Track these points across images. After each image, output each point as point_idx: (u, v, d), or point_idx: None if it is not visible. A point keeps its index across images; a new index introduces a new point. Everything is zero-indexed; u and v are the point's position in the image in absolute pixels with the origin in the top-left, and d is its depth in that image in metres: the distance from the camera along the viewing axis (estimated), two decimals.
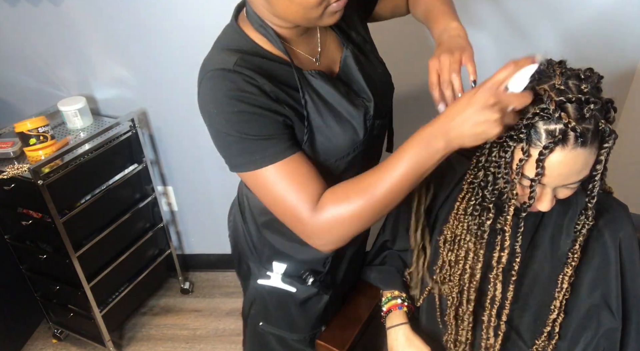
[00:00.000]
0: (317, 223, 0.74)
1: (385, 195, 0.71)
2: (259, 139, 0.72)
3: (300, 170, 0.74)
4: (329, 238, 0.76)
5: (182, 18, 1.58)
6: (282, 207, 0.76)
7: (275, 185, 0.74)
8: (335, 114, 0.79)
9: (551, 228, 0.87)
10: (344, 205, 0.72)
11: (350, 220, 0.73)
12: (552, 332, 0.86)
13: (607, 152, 0.72)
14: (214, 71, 0.74)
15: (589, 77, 0.72)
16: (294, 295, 0.98)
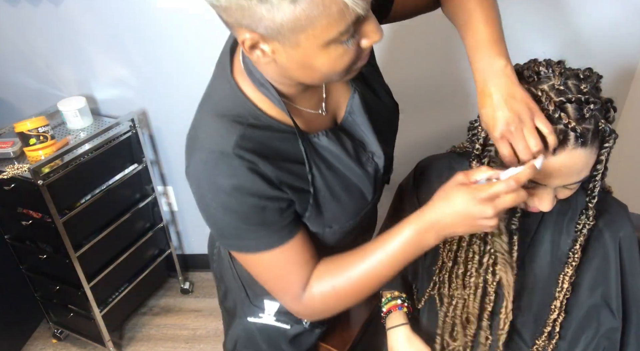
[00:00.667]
0: (305, 306, 0.76)
1: (371, 284, 0.73)
2: (255, 227, 0.70)
3: (294, 257, 0.73)
4: (315, 316, 0.84)
5: (182, 18, 1.58)
6: (271, 287, 0.78)
7: (267, 269, 0.75)
8: (343, 181, 0.76)
9: (552, 228, 0.87)
10: (329, 293, 0.74)
11: (335, 304, 0.77)
12: (552, 332, 0.86)
13: (608, 151, 0.72)
14: (210, 153, 0.67)
15: (589, 76, 0.72)
16: (286, 331, 0.96)
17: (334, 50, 0.59)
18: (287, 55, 0.60)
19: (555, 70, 0.73)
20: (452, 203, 0.65)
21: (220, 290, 1.06)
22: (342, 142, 0.75)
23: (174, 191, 2.02)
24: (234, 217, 0.69)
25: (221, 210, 0.69)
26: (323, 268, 0.75)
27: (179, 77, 1.70)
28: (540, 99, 0.69)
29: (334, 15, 0.54)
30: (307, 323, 0.96)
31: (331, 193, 0.74)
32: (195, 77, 1.71)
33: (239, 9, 0.54)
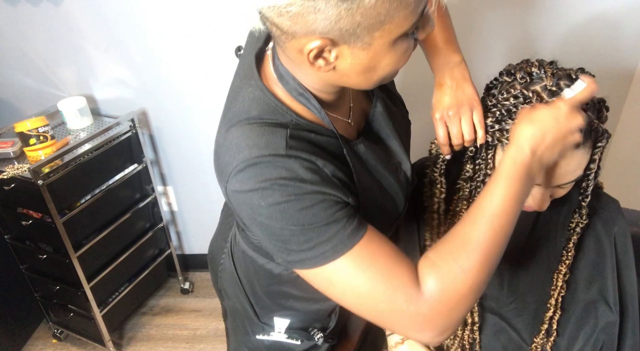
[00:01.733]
0: (429, 306, 0.58)
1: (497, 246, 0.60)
2: (322, 227, 0.59)
3: (382, 249, 0.60)
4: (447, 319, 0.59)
5: (183, 18, 1.58)
6: (371, 301, 0.59)
7: (356, 277, 0.59)
8: (381, 192, 0.72)
9: (546, 226, 0.88)
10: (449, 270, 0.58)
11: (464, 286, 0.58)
12: (549, 329, 0.86)
13: (601, 151, 0.72)
14: (260, 157, 0.59)
15: None
16: (294, 348, 0.90)
17: (400, 46, 0.57)
18: (352, 59, 0.57)
19: (548, 70, 0.73)
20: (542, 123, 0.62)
21: (223, 306, 1.01)
22: (376, 151, 0.72)
23: (174, 191, 2.02)
24: (298, 220, 0.59)
25: (281, 217, 0.59)
26: (431, 256, 0.61)
27: (179, 77, 1.71)
28: (532, 100, 0.70)
29: (411, 4, 0.53)
30: (319, 339, 0.88)
31: (372, 202, 0.69)
32: (195, 77, 1.71)
33: (312, 13, 0.51)
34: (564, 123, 0.63)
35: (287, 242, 0.60)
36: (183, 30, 1.61)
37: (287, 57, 0.63)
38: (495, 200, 0.60)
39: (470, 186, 0.82)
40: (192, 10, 1.56)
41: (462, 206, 0.85)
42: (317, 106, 0.65)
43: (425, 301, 0.58)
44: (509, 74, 0.77)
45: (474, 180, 0.81)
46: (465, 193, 0.84)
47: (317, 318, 0.88)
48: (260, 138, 0.61)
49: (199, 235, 2.17)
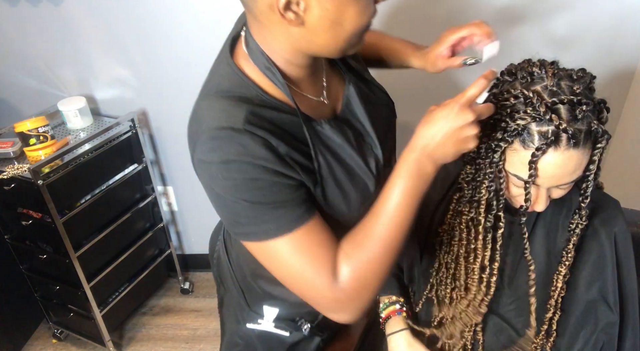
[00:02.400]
0: (342, 291, 0.67)
1: (398, 235, 0.67)
2: (271, 207, 0.64)
3: (318, 237, 0.67)
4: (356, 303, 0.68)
5: (182, 18, 1.58)
6: (298, 280, 0.68)
7: (291, 258, 0.66)
8: (347, 171, 0.74)
9: (547, 227, 0.88)
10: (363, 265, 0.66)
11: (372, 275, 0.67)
12: (549, 330, 0.86)
13: (600, 152, 0.72)
14: (219, 130, 0.63)
15: (582, 77, 0.72)
16: (285, 339, 0.93)
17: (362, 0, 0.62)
18: (320, 10, 0.61)
19: (549, 70, 0.73)
20: (434, 123, 0.66)
21: (219, 294, 1.04)
22: (344, 132, 0.74)
23: (174, 191, 2.02)
24: (249, 197, 0.64)
25: (235, 192, 0.64)
26: (345, 247, 0.68)
27: (179, 77, 1.70)
28: (532, 100, 0.70)
29: None
30: (306, 330, 0.92)
31: (336, 182, 0.72)
32: (195, 77, 1.70)
33: None
34: (454, 120, 0.65)
35: (237, 215, 0.66)
36: (183, 30, 1.61)
37: (258, 24, 0.67)
38: (392, 197, 0.67)
39: (471, 187, 0.82)
40: (192, 10, 1.56)
41: (463, 207, 0.85)
42: (281, 80, 0.68)
43: (340, 289, 0.66)
44: (510, 74, 0.77)
45: (475, 181, 0.81)
46: (466, 194, 0.84)
47: (306, 309, 0.88)
48: (222, 111, 0.66)
49: (199, 235, 2.17)
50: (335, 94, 0.81)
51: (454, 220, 0.89)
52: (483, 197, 0.80)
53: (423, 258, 1.00)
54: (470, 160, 0.81)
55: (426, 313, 1.02)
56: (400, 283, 1.08)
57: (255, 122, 0.64)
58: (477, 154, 0.79)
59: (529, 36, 1.51)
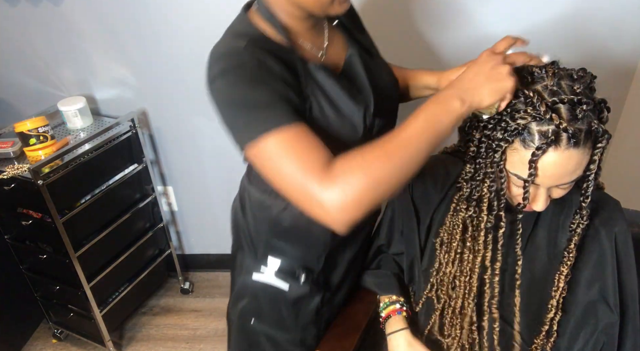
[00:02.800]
0: (328, 195, 0.64)
1: (406, 160, 0.66)
2: (263, 106, 0.69)
3: (306, 138, 0.69)
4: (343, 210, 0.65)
5: (182, 18, 1.58)
6: (287, 181, 0.68)
7: (278, 156, 0.68)
8: (335, 109, 0.78)
9: (547, 227, 0.88)
10: (358, 171, 0.65)
11: (366, 187, 0.64)
12: (550, 330, 0.86)
13: (601, 152, 0.72)
14: (223, 50, 0.75)
15: (582, 77, 0.72)
16: (285, 293, 0.97)
17: None
18: None
19: (549, 70, 0.73)
20: (467, 70, 0.72)
21: (232, 249, 1.10)
22: (337, 78, 0.79)
23: (174, 191, 2.02)
24: (244, 95, 0.70)
25: (232, 90, 0.71)
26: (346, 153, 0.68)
27: (178, 77, 1.71)
28: (533, 100, 0.70)
29: None
30: (301, 278, 0.95)
31: (323, 115, 0.77)
32: (195, 77, 1.71)
33: None
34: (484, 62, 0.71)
35: (236, 123, 0.72)
36: (183, 30, 1.61)
37: None
38: (412, 119, 0.68)
39: (471, 186, 0.82)
40: (192, 10, 1.56)
41: (462, 205, 0.85)
42: (280, 25, 0.78)
43: (329, 181, 0.65)
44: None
45: (474, 180, 0.81)
46: (465, 193, 0.84)
47: (304, 262, 0.95)
48: (229, 41, 0.78)
49: (199, 235, 2.17)
50: (338, 55, 0.88)
51: (454, 219, 0.89)
52: (485, 196, 0.80)
53: (423, 258, 1.00)
54: (470, 160, 0.81)
55: (426, 313, 1.02)
56: (400, 283, 1.08)
57: (256, 47, 0.73)
58: (477, 153, 0.79)
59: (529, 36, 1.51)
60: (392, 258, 1.11)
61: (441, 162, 0.98)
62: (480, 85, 0.69)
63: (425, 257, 1.00)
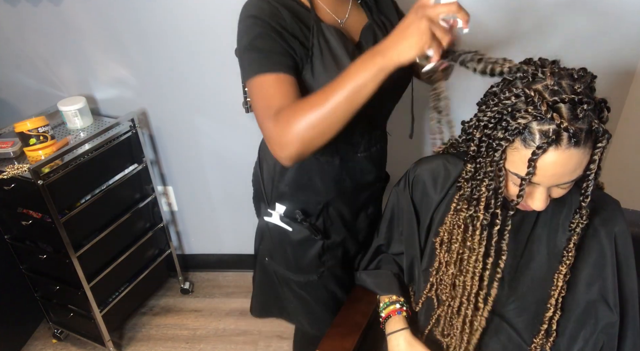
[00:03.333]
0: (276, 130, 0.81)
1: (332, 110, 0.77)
2: (264, 52, 0.85)
3: (284, 86, 0.84)
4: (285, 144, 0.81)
5: (182, 18, 1.58)
6: (257, 113, 0.86)
7: (259, 92, 0.85)
8: (337, 66, 0.89)
9: (547, 226, 0.88)
10: (296, 115, 0.79)
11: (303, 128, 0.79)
12: (549, 330, 0.86)
13: (601, 151, 0.72)
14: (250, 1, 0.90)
15: (582, 76, 0.72)
16: (289, 234, 1.11)
17: None
18: None
19: (549, 70, 0.73)
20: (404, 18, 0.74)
21: (254, 192, 1.23)
22: (345, 42, 0.92)
23: (174, 191, 2.02)
24: (251, 41, 0.86)
25: (247, 37, 0.87)
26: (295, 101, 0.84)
27: (178, 77, 1.71)
28: (534, 99, 0.70)
29: None
30: (300, 218, 1.08)
31: (324, 67, 0.89)
32: (195, 77, 1.71)
33: None
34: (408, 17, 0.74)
35: (244, 60, 0.87)
36: (183, 30, 1.61)
37: None
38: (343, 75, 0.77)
39: (471, 185, 0.82)
40: (192, 10, 1.56)
41: (462, 205, 0.85)
42: None
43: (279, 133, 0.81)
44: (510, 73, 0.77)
45: (475, 180, 0.81)
46: (465, 192, 0.84)
47: (304, 208, 1.09)
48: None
49: (199, 235, 2.17)
50: (356, 29, 0.98)
51: (454, 218, 0.89)
52: (483, 194, 0.80)
53: (423, 258, 1.00)
54: (471, 159, 0.81)
55: (426, 313, 1.02)
56: (401, 283, 1.08)
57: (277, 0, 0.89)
58: (477, 153, 0.79)
59: (530, 36, 1.52)
60: (392, 258, 1.11)
61: (440, 162, 0.98)
62: (399, 40, 0.72)
63: (425, 256, 1.00)
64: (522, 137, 0.71)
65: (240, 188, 1.98)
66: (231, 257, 2.21)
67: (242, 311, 2.04)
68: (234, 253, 2.20)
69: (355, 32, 0.98)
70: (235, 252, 2.19)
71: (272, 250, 1.17)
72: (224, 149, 1.86)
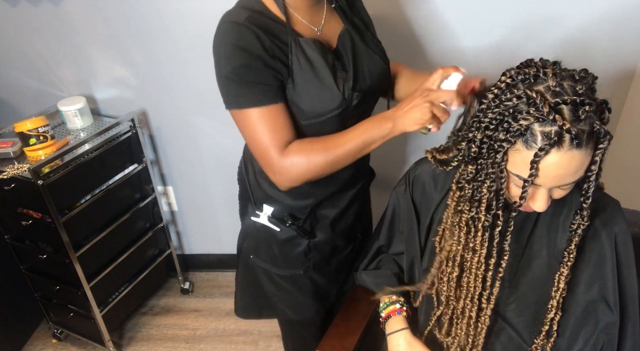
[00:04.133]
0: (280, 164, 0.92)
1: (339, 157, 0.91)
2: (250, 84, 0.88)
3: (278, 118, 0.91)
4: (286, 177, 0.94)
5: (182, 18, 1.58)
6: (256, 145, 0.93)
7: (255, 126, 0.90)
8: (318, 78, 0.92)
9: (547, 227, 0.88)
10: (304, 156, 0.91)
11: (306, 168, 0.92)
12: (550, 331, 0.86)
13: (602, 152, 0.72)
14: (228, 23, 0.89)
15: (584, 77, 0.72)
16: (276, 234, 1.13)
17: None
18: None
19: (551, 71, 0.72)
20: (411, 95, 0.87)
21: (240, 191, 1.26)
22: (324, 53, 0.93)
23: (174, 191, 2.02)
24: (236, 73, 0.87)
25: (227, 66, 0.87)
26: (302, 141, 0.94)
27: (178, 77, 1.71)
28: (535, 101, 0.69)
29: None
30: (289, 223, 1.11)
31: (305, 82, 0.92)
32: (195, 78, 1.71)
33: None
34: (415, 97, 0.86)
35: (227, 88, 0.90)
36: (183, 30, 1.61)
37: None
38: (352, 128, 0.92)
39: (473, 187, 0.82)
40: (192, 10, 1.56)
41: (464, 206, 0.85)
42: (281, 2, 0.92)
43: (279, 162, 0.92)
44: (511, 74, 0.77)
45: (476, 181, 0.81)
46: (467, 194, 0.84)
47: (292, 212, 1.12)
48: (232, 13, 0.91)
49: (199, 235, 2.17)
50: (333, 34, 1.00)
51: (454, 219, 0.89)
52: (484, 196, 0.80)
53: (423, 258, 1.00)
54: (472, 160, 0.81)
55: (426, 312, 1.02)
56: (401, 283, 1.08)
57: (253, 21, 0.88)
58: (478, 154, 0.79)
59: (530, 37, 1.52)
60: (392, 258, 1.11)
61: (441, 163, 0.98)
62: (406, 114, 0.86)
63: (426, 256, 1.00)
64: (523, 138, 0.71)
65: None
66: (231, 256, 2.20)
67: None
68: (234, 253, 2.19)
69: (333, 38, 1.00)
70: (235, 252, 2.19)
71: (257, 248, 1.19)
72: (224, 149, 1.86)
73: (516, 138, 0.72)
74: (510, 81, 0.75)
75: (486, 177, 0.78)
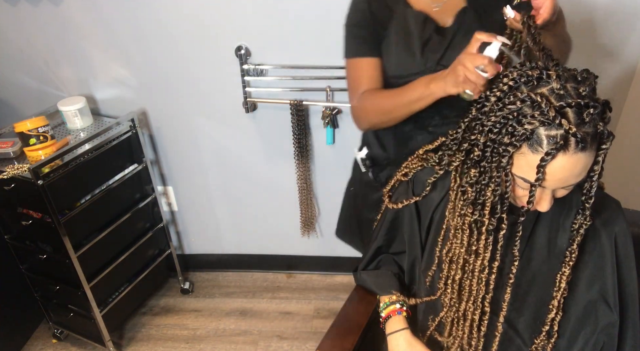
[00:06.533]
0: (354, 105, 1.15)
1: (391, 107, 1.06)
2: (353, 39, 1.11)
3: (366, 69, 1.11)
4: (356, 118, 1.17)
5: (183, 18, 1.58)
6: (348, 89, 1.16)
7: (349, 72, 1.15)
8: (407, 45, 1.06)
9: (548, 227, 0.87)
10: (368, 101, 1.11)
11: (367, 112, 1.13)
12: (550, 331, 0.86)
13: (605, 153, 0.72)
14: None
15: (586, 78, 0.72)
16: (362, 175, 1.32)
17: None
18: None
19: (553, 72, 0.72)
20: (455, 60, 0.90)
21: None
22: (423, 27, 1.05)
23: (174, 191, 2.02)
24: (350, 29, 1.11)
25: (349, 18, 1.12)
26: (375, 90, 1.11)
27: (178, 77, 1.71)
28: (540, 104, 0.69)
29: None
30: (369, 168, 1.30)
31: (395, 45, 1.07)
32: (195, 77, 1.71)
33: None
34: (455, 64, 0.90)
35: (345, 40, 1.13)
36: (183, 30, 1.61)
37: None
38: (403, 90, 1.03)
39: (475, 189, 0.82)
40: (192, 10, 1.56)
41: (467, 209, 0.85)
42: None
43: (354, 107, 1.16)
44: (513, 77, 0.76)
45: (478, 184, 0.81)
46: (470, 197, 0.84)
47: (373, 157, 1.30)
48: None
49: (199, 235, 2.17)
50: (451, 12, 1.07)
51: (457, 221, 0.88)
52: (488, 199, 0.80)
53: (423, 258, 1.00)
54: (475, 164, 0.81)
55: (425, 312, 1.02)
56: (401, 283, 1.08)
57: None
58: (482, 157, 0.79)
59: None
60: (392, 258, 1.11)
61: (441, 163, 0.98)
62: (446, 76, 0.92)
63: (425, 256, 1.00)
64: (529, 142, 0.71)
65: (240, 188, 1.98)
66: (231, 256, 2.21)
67: (242, 311, 2.04)
68: (234, 253, 2.20)
69: (451, 15, 1.07)
70: (235, 252, 2.19)
71: (354, 182, 1.42)
72: (224, 149, 1.86)
73: (521, 142, 0.71)
74: (512, 83, 0.75)
75: (490, 180, 0.78)
